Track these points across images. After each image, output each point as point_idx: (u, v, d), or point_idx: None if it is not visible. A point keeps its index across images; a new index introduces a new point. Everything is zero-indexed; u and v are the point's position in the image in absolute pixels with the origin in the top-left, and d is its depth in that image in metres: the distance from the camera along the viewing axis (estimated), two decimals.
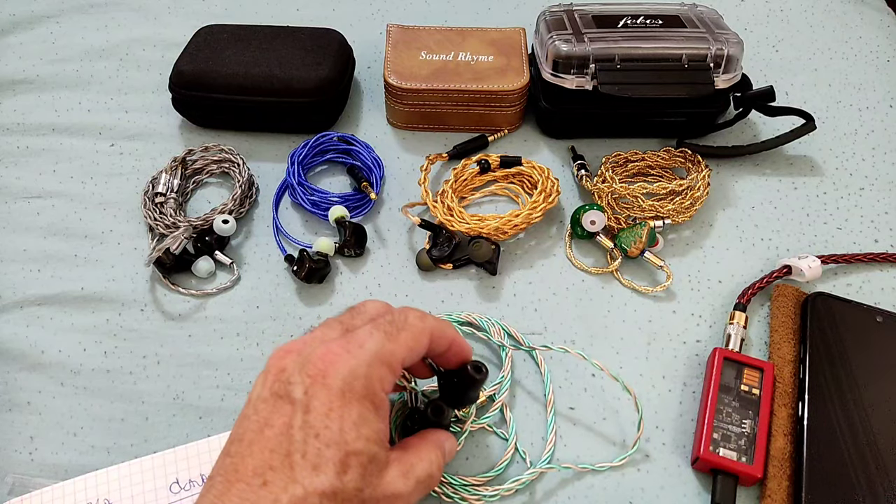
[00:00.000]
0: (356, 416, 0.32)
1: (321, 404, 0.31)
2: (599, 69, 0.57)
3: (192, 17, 0.74)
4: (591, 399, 0.48)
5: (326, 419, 0.31)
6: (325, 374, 0.32)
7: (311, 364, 0.32)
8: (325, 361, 0.32)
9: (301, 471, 0.30)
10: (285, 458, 0.30)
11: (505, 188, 0.60)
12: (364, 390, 0.32)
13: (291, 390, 0.32)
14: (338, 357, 0.32)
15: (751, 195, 0.60)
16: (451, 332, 0.38)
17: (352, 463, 0.31)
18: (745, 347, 0.50)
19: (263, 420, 0.32)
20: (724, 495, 0.42)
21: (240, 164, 0.59)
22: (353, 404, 0.32)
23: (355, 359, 0.33)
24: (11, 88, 0.68)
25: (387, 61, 0.62)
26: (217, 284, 0.54)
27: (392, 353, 0.34)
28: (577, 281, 0.54)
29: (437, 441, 0.38)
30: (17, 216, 0.59)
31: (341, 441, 0.31)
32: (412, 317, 0.36)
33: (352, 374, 0.32)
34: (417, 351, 0.36)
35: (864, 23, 0.74)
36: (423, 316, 0.37)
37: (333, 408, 0.31)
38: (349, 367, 0.32)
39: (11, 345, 0.51)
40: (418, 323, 0.36)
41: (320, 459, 0.30)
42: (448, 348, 0.39)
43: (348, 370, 0.32)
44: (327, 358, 0.32)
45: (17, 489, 0.44)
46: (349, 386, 0.32)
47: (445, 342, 0.38)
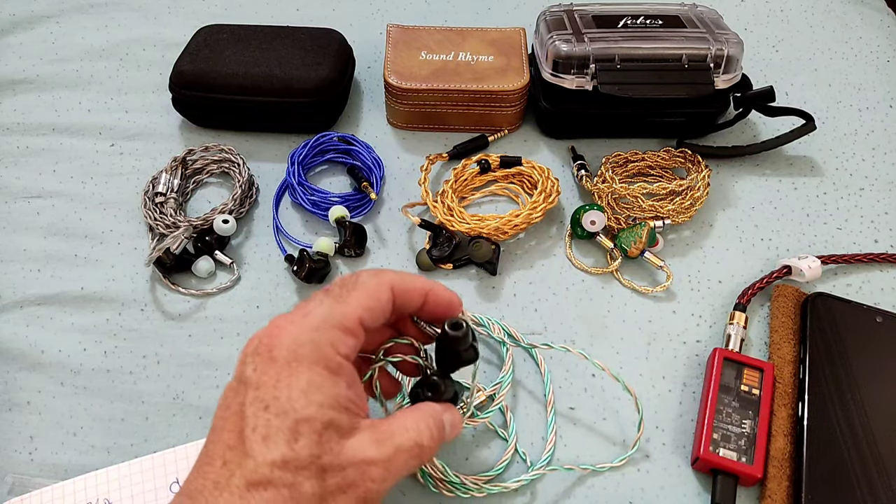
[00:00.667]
0: (304, 383, 0.31)
1: (269, 378, 0.31)
2: (599, 69, 0.57)
3: (192, 17, 0.74)
4: (591, 399, 0.48)
5: (274, 390, 0.31)
6: (270, 347, 0.32)
7: (261, 343, 0.32)
8: (270, 336, 0.32)
9: (252, 444, 0.30)
10: (239, 436, 0.30)
11: (505, 188, 0.60)
12: (313, 355, 0.32)
13: (244, 370, 0.32)
14: (281, 329, 0.32)
15: (751, 195, 0.60)
16: (421, 283, 0.37)
17: (303, 430, 0.30)
18: (745, 347, 0.50)
19: (225, 405, 0.32)
20: (724, 495, 0.42)
21: (240, 164, 0.59)
22: (301, 371, 0.31)
23: (297, 327, 0.32)
24: (11, 88, 0.68)
25: (387, 61, 0.62)
26: (217, 284, 0.54)
27: (343, 315, 0.33)
28: (577, 281, 0.54)
29: (430, 411, 0.36)
30: (17, 216, 0.59)
31: (290, 409, 0.30)
32: (365, 275, 0.35)
33: (295, 341, 0.32)
34: (378, 309, 0.35)
35: (864, 23, 0.74)
36: (377, 272, 0.36)
37: (281, 378, 0.31)
38: (292, 336, 0.32)
39: (11, 345, 0.51)
40: (371, 279, 0.35)
41: (269, 430, 0.30)
42: (425, 301, 0.37)
43: (291, 338, 0.32)
44: (273, 332, 0.32)
45: (17, 489, 0.44)
46: (294, 354, 0.32)
47: (416, 294, 0.36)
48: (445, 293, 0.38)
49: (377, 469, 0.32)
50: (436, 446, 0.35)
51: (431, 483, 0.43)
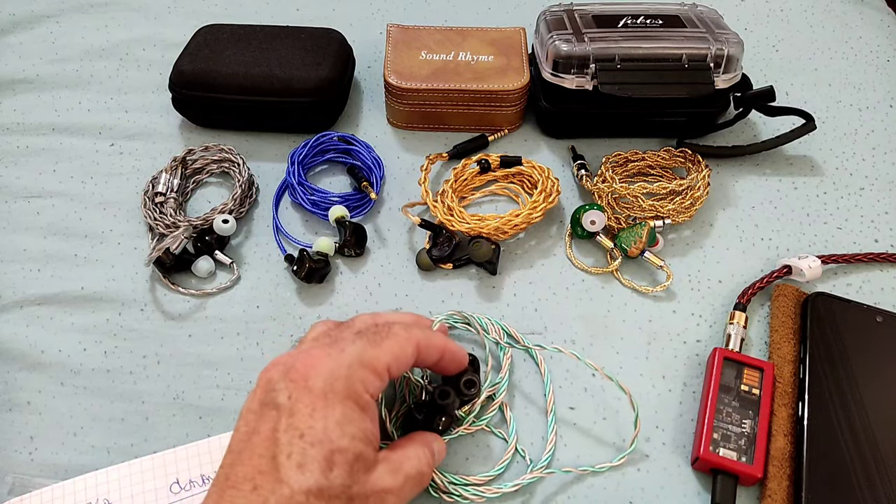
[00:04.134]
0: (339, 415, 0.32)
1: (304, 406, 0.32)
2: (599, 69, 0.57)
3: (192, 16, 0.74)
4: (591, 399, 0.48)
5: (310, 419, 0.32)
6: (306, 377, 0.33)
7: (294, 370, 0.33)
8: (306, 366, 0.33)
9: (287, 471, 0.30)
10: (272, 461, 0.31)
11: (505, 188, 0.60)
12: (346, 391, 0.33)
13: (276, 397, 0.33)
14: (318, 361, 0.34)
15: (751, 195, 0.60)
16: (440, 342, 0.40)
17: (337, 460, 0.31)
18: (745, 347, 0.50)
19: (252, 429, 0.33)
20: (724, 495, 0.42)
21: (240, 163, 0.59)
22: (335, 404, 0.33)
23: (335, 361, 0.34)
24: (11, 88, 0.68)
25: (387, 61, 0.62)
26: (217, 284, 0.54)
27: (375, 358, 0.35)
28: (577, 281, 0.54)
29: (424, 440, 0.39)
30: (17, 216, 0.59)
31: (325, 439, 0.31)
32: (397, 327, 0.38)
33: (332, 375, 0.33)
34: (403, 359, 0.37)
35: (864, 23, 0.74)
36: (408, 327, 0.38)
37: (317, 408, 0.32)
38: (329, 369, 0.33)
39: (11, 345, 0.51)
40: (402, 332, 0.37)
41: (305, 458, 0.31)
42: (441, 357, 0.40)
43: (328, 371, 0.33)
44: (308, 362, 0.34)
45: (17, 489, 0.44)
46: (330, 387, 0.33)
47: (435, 352, 0.39)
48: (458, 349, 0.41)
49: (392, 497, 0.34)
50: (430, 472, 0.38)
51: (431, 484, 0.43)
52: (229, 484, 0.31)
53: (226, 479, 0.31)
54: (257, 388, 0.35)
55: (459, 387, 0.44)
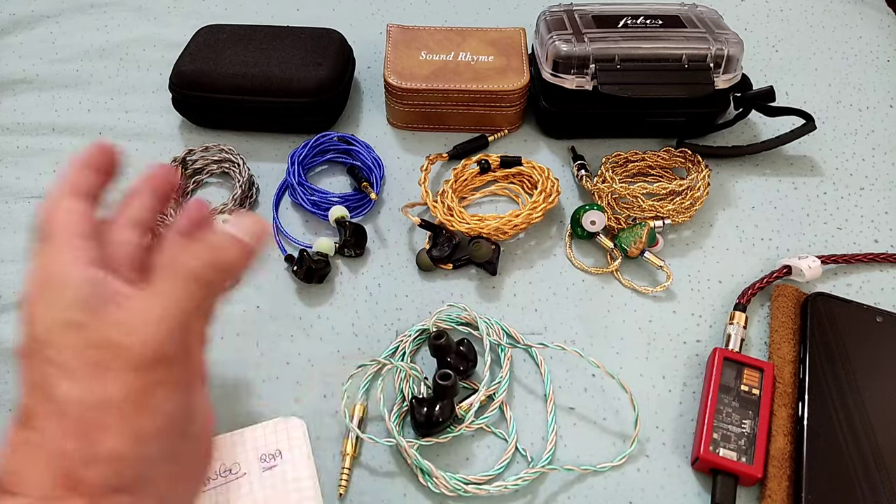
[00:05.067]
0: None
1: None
2: (599, 69, 0.57)
3: (192, 17, 0.74)
4: (590, 399, 0.48)
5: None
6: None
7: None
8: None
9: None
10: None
11: (505, 188, 0.60)
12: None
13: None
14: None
15: (751, 195, 0.60)
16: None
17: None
18: (745, 347, 0.50)
19: None
20: (724, 495, 0.42)
21: (240, 164, 0.59)
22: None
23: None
24: (11, 88, 0.68)
25: (387, 61, 0.62)
26: None
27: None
28: (577, 281, 0.54)
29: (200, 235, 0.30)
30: (17, 216, 0.59)
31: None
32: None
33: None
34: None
35: (864, 23, 0.74)
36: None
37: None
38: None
39: (11, 345, 0.51)
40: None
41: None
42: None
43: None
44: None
45: None
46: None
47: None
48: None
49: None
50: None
51: (433, 483, 0.44)
52: None
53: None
54: None
55: (457, 363, 0.46)
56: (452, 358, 0.47)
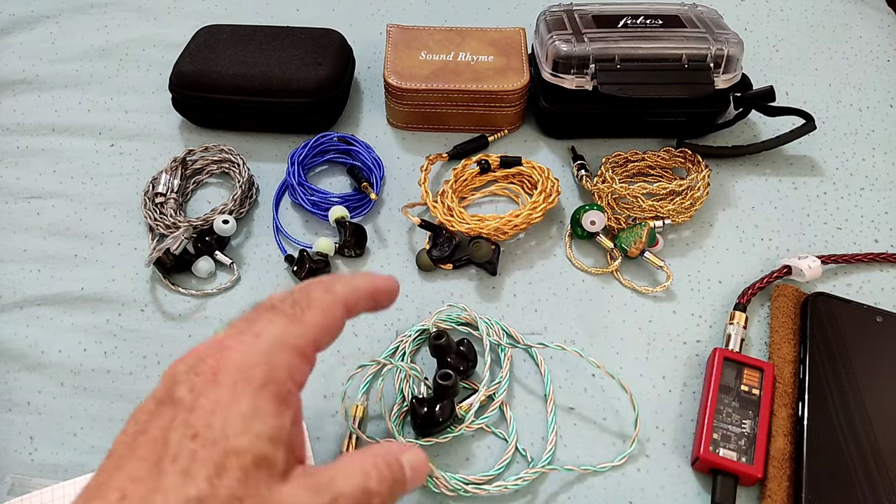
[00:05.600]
0: (247, 407, 0.26)
1: (207, 402, 0.26)
2: (599, 69, 0.57)
3: (192, 17, 0.74)
4: (590, 399, 0.48)
5: (210, 416, 0.25)
6: (215, 370, 0.27)
7: (203, 363, 0.27)
8: (216, 358, 0.27)
9: (168, 478, 0.24)
10: (154, 467, 0.25)
11: (505, 188, 0.60)
12: (263, 379, 0.27)
13: (175, 391, 0.27)
14: (231, 351, 0.27)
15: (751, 195, 0.60)
16: (367, 283, 0.33)
17: (230, 464, 0.25)
18: (745, 347, 0.50)
19: (139, 430, 0.26)
20: (724, 495, 0.42)
21: (240, 164, 0.59)
22: (245, 395, 0.26)
23: (250, 348, 0.27)
24: (11, 88, 0.68)
25: (387, 61, 0.62)
26: (217, 284, 0.54)
27: (300, 336, 0.29)
28: (577, 281, 0.54)
29: (382, 450, 0.30)
30: (17, 216, 0.59)
31: (221, 438, 0.25)
32: (317, 291, 0.31)
33: (246, 363, 0.27)
34: (333, 327, 0.31)
35: (865, 23, 0.74)
36: (329, 286, 0.31)
37: (221, 403, 0.26)
38: (243, 359, 0.27)
39: (11, 345, 0.51)
40: (325, 295, 0.31)
41: (193, 463, 0.24)
42: (373, 300, 0.33)
43: (242, 361, 0.27)
44: (219, 354, 0.27)
45: (17, 489, 0.44)
46: (243, 376, 0.27)
47: (365, 298, 0.33)
48: (387, 283, 0.34)
49: None
50: (389, 492, 0.28)
51: (432, 483, 0.43)
52: (98, 493, 0.25)
53: (97, 488, 0.25)
54: (158, 386, 0.28)
55: (457, 363, 0.46)
56: (452, 358, 0.47)
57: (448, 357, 0.47)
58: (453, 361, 0.47)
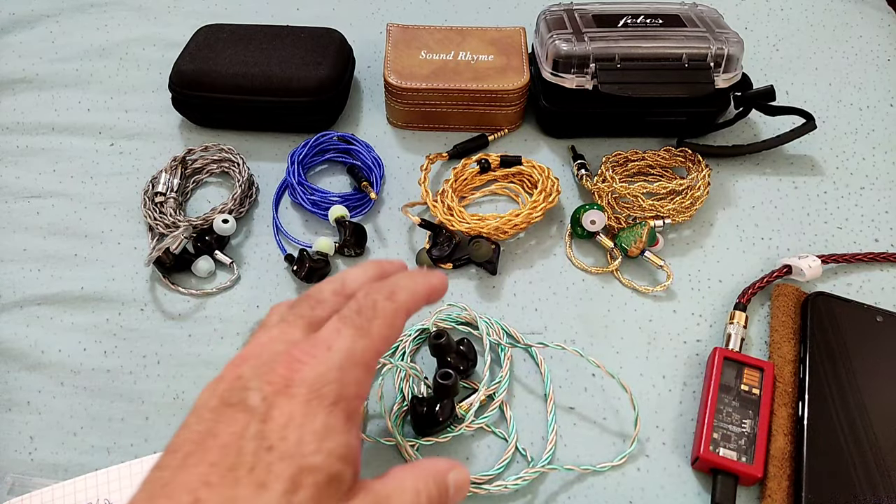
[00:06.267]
0: (319, 425, 0.27)
1: (281, 414, 0.27)
2: (599, 68, 0.57)
3: (192, 16, 0.74)
4: (591, 398, 0.48)
5: (284, 430, 0.26)
6: (288, 382, 0.28)
7: (273, 371, 0.28)
8: (289, 370, 0.28)
9: (243, 488, 0.25)
10: (228, 474, 0.25)
11: (505, 188, 0.60)
12: (335, 397, 0.28)
13: (247, 397, 0.27)
14: (302, 364, 0.28)
15: (751, 195, 0.60)
16: (423, 286, 0.33)
17: (305, 481, 0.26)
18: (745, 347, 0.50)
19: (206, 430, 0.27)
20: (724, 495, 0.42)
21: (240, 163, 0.59)
22: (319, 413, 0.27)
23: (323, 364, 0.28)
24: (11, 87, 0.68)
25: (387, 61, 0.62)
26: (217, 284, 0.54)
27: (366, 351, 0.30)
28: (577, 280, 0.54)
29: (432, 470, 0.31)
30: (17, 216, 0.59)
31: (297, 454, 0.26)
32: (381, 298, 0.31)
33: (319, 380, 0.28)
34: (394, 337, 0.31)
35: (865, 22, 0.74)
36: (392, 293, 0.32)
37: (294, 417, 0.27)
38: (316, 374, 0.28)
39: (11, 344, 0.51)
40: (389, 306, 0.31)
41: (269, 476, 0.25)
42: (428, 302, 0.34)
43: (315, 377, 0.28)
44: (291, 365, 0.28)
45: (17, 489, 0.44)
46: (316, 393, 0.28)
47: (423, 299, 0.34)
48: (436, 279, 0.35)
49: None
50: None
51: None
52: (165, 492, 0.25)
53: (163, 485, 0.26)
54: (220, 381, 0.29)
55: (457, 363, 0.47)
56: (452, 357, 0.47)
57: (448, 356, 0.47)
58: (453, 361, 0.47)
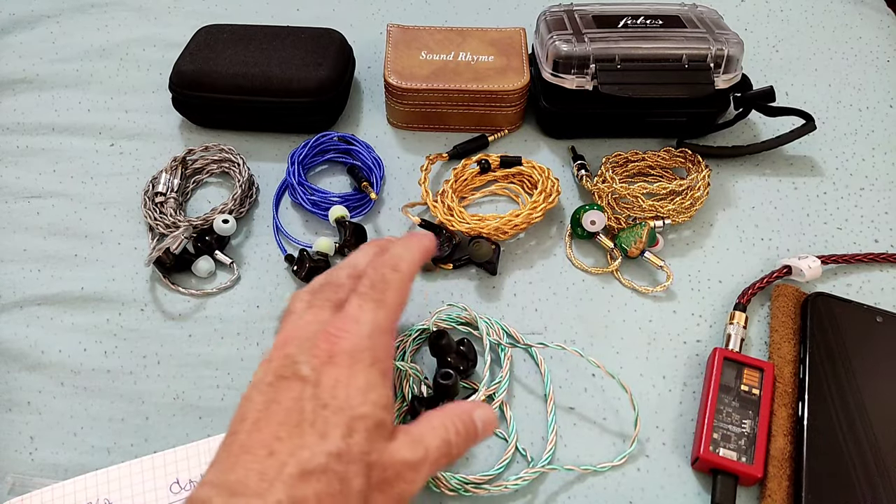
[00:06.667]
0: (362, 382, 0.33)
1: (328, 378, 0.33)
2: (600, 69, 0.57)
3: (192, 17, 0.74)
4: (591, 398, 0.48)
5: (333, 390, 0.32)
6: (330, 353, 0.33)
7: (316, 347, 0.34)
8: (328, 343, 0.34)
9: (309, 438, 0.31)
10: (294, 429, 0.31)
11: (505, 188, 0.60)
12: (371, 359, 0.34)
13: (299, 369, 0.33)
14: (339, 338, 0.34)
15: (751, 195, 0.60)
16: (419, 250, 0.39)
17: (357, 427, 0.32)
18: (745, 347, 0.50)
19: (269, 399, 0.33)
20: (724, 495, 0.42)
21: (240, 163, 0.59)
22: (359, 373, 0.33)
23: (355, 336, 0.34)
24: (11, 88, 0.68)
25: (387, 61, 0.62)
26: (217, 284, 0.54)
27: (386, 319, 0.36)
28: (577, 281, 0.54)
29: (458, 409, 0.37)
30: (17, 216, 0.59)
31: (347, 407, 0.32)
32: (387, 271, 0.37)
33: (355, 348, 0.34)
34: (405, 302, 0.37)
35: (864, 23, 0.74)
36: (395, 264, 0.37)
37: (340, 379, 0.33)
38: (352, 344, 0.34)
39: (11, 345, 0.51)
40: (396, 276, 0.37)
41: (327, 426, 0.31)
42: (424, 262, 0.40)
43: (352, 346, 0.34)
44: (329, 340, 0.34)
45: (18, 489, 0.44)
46: (355, 359, 0.33)
47: (420, 264, 0.39)
48: (426, 240, 0.40)
49: (411, 471, 0.33)
50: (465, 443, 0.36)
51: (432, 483, 0.44)
52: (244, 450, 0.31)
53: (240, 445, 0.31)
54: (270, 361, 0.34)
55: (457, 363, 0.47)
56: (453, 358, 0.47)
57: (448, 357, 0.47)
58: (453, 361, 0.47)
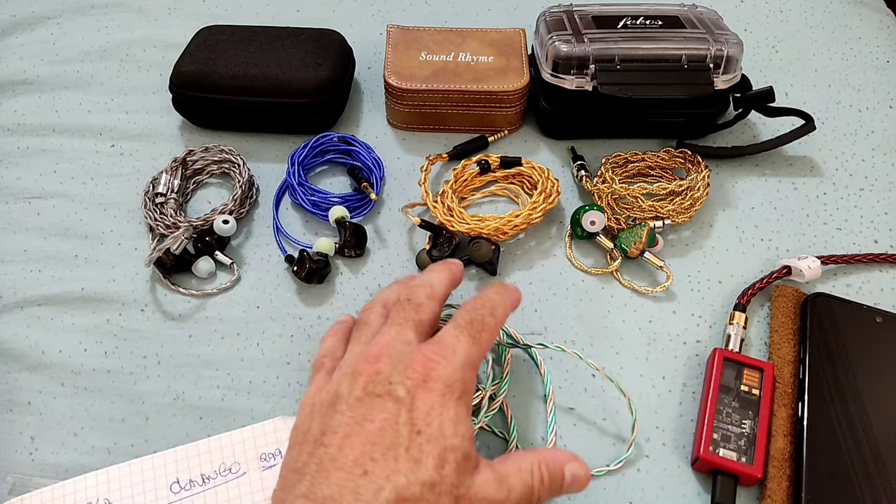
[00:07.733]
0: (454, 414, 0.34)
1: (423, 404, 0.34)
2: (599, 70, 0.57)
3: (192, 17, 0.74)
4: (590, 399, 0.48)
5: (428, 417, 0.33)
6: (426, 378, 0.35)
7: (411, 369, 0.35)
8: (424, 367, 0.35)
9: (404, 463, 0.32)
10: (388, 451, 0.32)
11: (505, 188, 0.60)
12: (461, 391, 0.35)
13: (393, 390, 0.34)
14: (436, 364, 0.35)
15: (751, 195, 0.60)
16: (514, 304, 0.42)
17: (449, 458, 0.33)
18: (745, 348, 0.50)
19: (361, 416, 0.34)
20: (724, 495, 0.42)
21: (240, 164, 0.59)
22: (450, 404, 0.34)
23: (451, 365, 0.36)
24: (12, 89, 0.68)
25: (387, 62, 0.62)
26: (217, 284, 0.54)
27: (478, 355, 0.38)
28: (577, 281, 0.54)
29: (549, 456, 0.37)
30: (17, 216, 0.59)
31: (440, 436, 0.33)
32: (487, 314, 0.39)
33: (450, 378, 0.35)
34: (492, 345, 0.40)
35: (864, 24, 0.74)
36: (494, 309, 0.39)
37: (434, 407, 0.34)
38: (448, 373, 0.35)
39: (12, 345, 0.51)
40: (492, 321, 0.39)
41: (422, 454, 0.32)
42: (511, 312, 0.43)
43: (447, 375, 0.35)
44: (427, 364, 0.35)
45: (18, 489, 0.44)
46: (448, 389, 0.35)
47: (508, 315, 0.42)
48: (514, 293, 0.43)
49: None
50: (548, 493, 0.36)
51: None
52: (336, 465, 0.32)
53: (332, 459, 0.32)
54: (358, 376, 0.35)
55: None
56: None
57: None
58: None
